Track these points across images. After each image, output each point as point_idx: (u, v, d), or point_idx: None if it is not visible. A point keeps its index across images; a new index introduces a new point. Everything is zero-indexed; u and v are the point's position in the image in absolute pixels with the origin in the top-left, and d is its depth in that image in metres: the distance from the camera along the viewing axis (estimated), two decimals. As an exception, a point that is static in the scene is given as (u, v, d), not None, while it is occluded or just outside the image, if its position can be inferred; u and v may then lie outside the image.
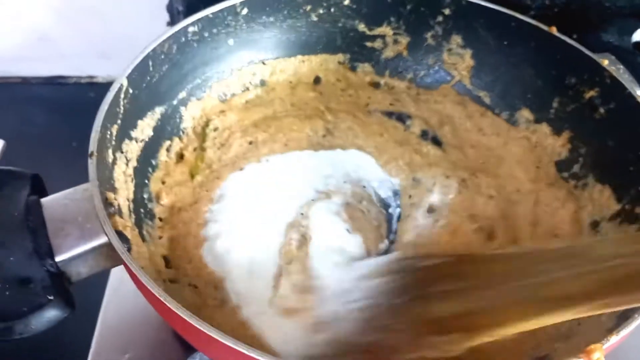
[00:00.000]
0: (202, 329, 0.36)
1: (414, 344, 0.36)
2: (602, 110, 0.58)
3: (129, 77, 0.52)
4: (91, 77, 1.06)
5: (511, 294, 0.35)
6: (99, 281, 0.59)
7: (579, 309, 0.33)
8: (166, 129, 0.59)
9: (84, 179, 0.46)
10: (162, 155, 0.58)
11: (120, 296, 0.58)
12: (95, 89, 1.05)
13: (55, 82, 1.07)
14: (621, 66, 0.61)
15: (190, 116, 0.62)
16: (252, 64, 0.66)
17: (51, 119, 1.02)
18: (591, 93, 0.59)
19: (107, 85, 0.52)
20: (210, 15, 0.60)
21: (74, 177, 0.48)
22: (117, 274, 0.60)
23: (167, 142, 0.59)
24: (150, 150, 0.57)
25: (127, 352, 0.54)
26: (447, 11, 0.65)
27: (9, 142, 0.89)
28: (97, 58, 1.04)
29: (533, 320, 0.34)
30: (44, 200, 0.44)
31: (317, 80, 0.69)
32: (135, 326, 0.56)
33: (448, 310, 0.37)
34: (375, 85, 0.70)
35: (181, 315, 0.36)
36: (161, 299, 0.37)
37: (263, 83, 0.67)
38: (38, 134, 0.98)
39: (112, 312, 0.56)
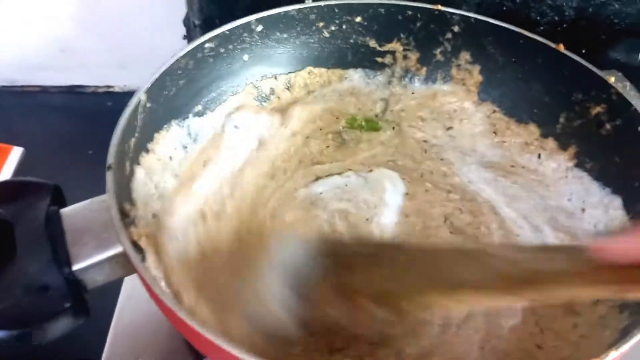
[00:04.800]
0: (213, 340, 0.37)
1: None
2: (608, 126, 0.59)
3: (147, 92, 0.54)
4: (109, 86, 1.09)
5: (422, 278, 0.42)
6: (112, 288, 0.60)
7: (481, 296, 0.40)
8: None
9: (100, 186, 0.47)
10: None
11: (133, 303, 0.59)
12: (113, 98, 1.08)
13: (74, 92, 1.09)
14: (628, 83, 0.62)
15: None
16: (265, 79, 0.68)
17: (69, 127, 1.04)
18: (598, 109, 0.59)
19: (124, 95, 0.55)
20: (227, 32, 0.62)
21: (90, 184, 0.49)
22: (130, 281, 0.61)
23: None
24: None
25: (139, 357, 0.55)
26: (456, 28, 0.67)
27: (28, 149, 0.92)
28: (115, 68, 1.06)
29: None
30: (63, 210, 0.46)
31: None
32: (148, 332, 0.57)
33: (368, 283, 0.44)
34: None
35: (193, 326, 0.38)
36: (173, 309, 0.39)
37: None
38: (56, 141, 1.01)
39: (125, 318, 0.58)
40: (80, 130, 1.03)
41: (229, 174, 0.61)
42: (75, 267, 0.43)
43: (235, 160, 0.62)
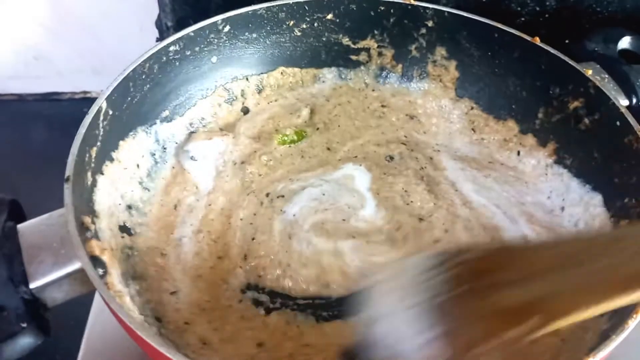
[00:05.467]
0: (172, 357, 0.36)
1: (490, 334, 0.35)
2: (586, 120, 0.57)
3: (108, 99, 0.52)
4: (85, 92, 1.07)
5: (571, 279, 0.34)
6: (84, 302, 0.59)
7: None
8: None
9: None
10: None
11: (105, 317, 0.57)
12: (89, 104, 1.05)
13: (50, 99, 1.07)
14: (606, 75, 0.60)
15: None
16: (236, 80, 0.66)
17: (46, 135, 1.03)
18: (576, 103, 0.58)
19: (100, 101, 0.54)
20: (192, 34, 0.60)
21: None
22: (103, 294, 0.59)
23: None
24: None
25: (111, 373, 0.54)
26: (430, 23, 0.65)
27: (4, 158, 0.90)
28: (90, 74, 1.04)
29: (605, 303, 0.32)
30: (20, 226, 0.44)
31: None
32: (120, 348, 0.55)
33: (514, 298, 0.35)
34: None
35: (152, 343, 0.36)
36: (132, 326, 0.37)
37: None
38: (33, 149, 0.99)
39: (97, 333, 0.56)
40: (57, 137, 1.01)
41: (200, 214, 0.57)
42: (32, 286, 0.41)
43: (201, 198, 0.59)
